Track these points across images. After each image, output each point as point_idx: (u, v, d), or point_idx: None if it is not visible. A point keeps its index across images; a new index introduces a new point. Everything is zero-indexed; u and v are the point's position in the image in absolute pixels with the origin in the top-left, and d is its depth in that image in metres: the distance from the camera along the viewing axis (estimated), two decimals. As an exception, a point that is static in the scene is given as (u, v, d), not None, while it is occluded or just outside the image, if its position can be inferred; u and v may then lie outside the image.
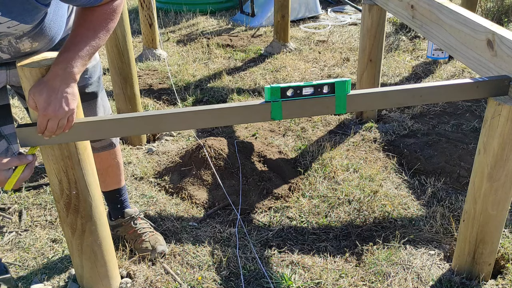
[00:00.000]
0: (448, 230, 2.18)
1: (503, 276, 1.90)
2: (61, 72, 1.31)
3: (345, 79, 1.45)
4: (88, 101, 1.72)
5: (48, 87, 1.31)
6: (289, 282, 1.90)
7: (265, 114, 1.46)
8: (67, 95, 1.33)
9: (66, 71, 1.31)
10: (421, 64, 4.14)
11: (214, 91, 3.72)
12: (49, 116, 1.31)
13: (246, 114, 1.47)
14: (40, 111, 1.31)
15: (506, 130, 1.54)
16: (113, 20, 1.41)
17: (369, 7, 2.81)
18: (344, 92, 1.46)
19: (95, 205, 1.62)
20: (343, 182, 2.54)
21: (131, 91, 2.86)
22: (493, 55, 1.59)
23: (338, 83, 1.45)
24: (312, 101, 1.46)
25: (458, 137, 2.94)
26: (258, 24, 5.42)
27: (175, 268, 2.00)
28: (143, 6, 4.16)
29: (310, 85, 1.44)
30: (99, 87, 1.76)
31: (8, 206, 2.40)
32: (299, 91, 1.44)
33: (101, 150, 1.88)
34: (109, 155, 1.92)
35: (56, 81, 1.31)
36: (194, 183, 2.54)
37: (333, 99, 1.47)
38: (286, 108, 1.45)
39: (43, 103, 1.30)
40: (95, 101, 1.74)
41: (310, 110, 1.48)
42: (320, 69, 4.12)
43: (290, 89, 1.43)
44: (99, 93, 1.76)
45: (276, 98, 1.43)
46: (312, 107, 1.47)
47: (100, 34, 1.38)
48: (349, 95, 1.48)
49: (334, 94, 1.46)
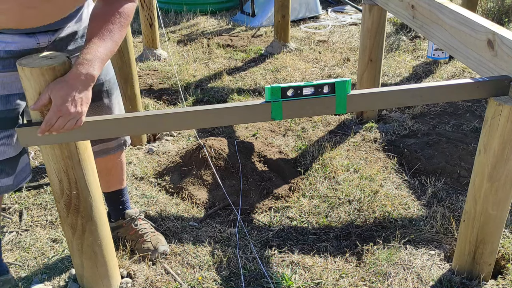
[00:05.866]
0: (448, 230, 2.18)
1: (503, 276, 1.90)
2: (83, 73, 1.34)
3: (346, 79, 1.44)
4: (104, 99, 1.74)
5: (68, 86, 1.33)
6: (289, 282, 1.90)
7: (265, 114, 1.45)
8: (83, 97, 1.36)
9: (88, 73, 1.35)
10: (422, 64, 4.14)
11: (214, 91, 3.73)
12: (62, 113, 1.33)
13: (246, 114, 1.46)
14: (54, 107, 1.33)
15: (507, 130, 1.54)
16: (129, 20, 1.47)
17: (370, 7, 2.81)
18: (345, 92, 1.46)
19: (95, 205, 1.62)
20: (343, 182, 2.54)
21: (132, 91, 2.87)
22: (493, 55, 1.59)
23: (339, 83, 1.44)
24: (313, 101, 1.45)
25: (458, 137, 2.94)
26: (259, 24, 5.42)
27: (176, 268, 2.00)
28: (143, 6, 4.16)
29: (310, 85, 1.43)
30: (114, 85, 1.79)
31: (8, 206, 2.40)
32: (300, 91, 1.43)
33: (114, 152, 1.88)
34: (116, 155, 1.92)
35: (77, 81, 1.34)
36: (194, 183, 2.54)
37: (334, 99, 1.46)
38: (286, 108, 1.44)
39: (60, 100, 1.32)
40: (111, 99, 1.76)
41: (310, 110, 1.47)
42: (320, 69, 4.12)
43: (290, 89, 1.43)
44: (114, 91, 1.78)
45: (277, 98, 1.42)
46: (313, 107, 1.46)
47: (120, 36, 1.44)
48: (349, 95, 1.47)
49: (335, 94, 1.45)
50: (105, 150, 1.84)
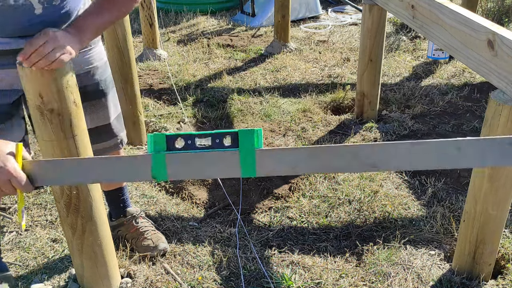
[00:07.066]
0: (448, 230, 2.18)
1: (503, 276, 1.90)
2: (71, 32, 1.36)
3: (255, 128, 1.02)
4: (100, 99, 1.74)
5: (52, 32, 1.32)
6: (289, 282, 1.90)
7: (144, 171, 1.05)
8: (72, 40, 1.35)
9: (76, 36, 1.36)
10: (422, 64, 4.14)
11: (214, 91, 3.73)
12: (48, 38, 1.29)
13: (119, 171, 1.09)
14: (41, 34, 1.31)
15: (507, 130, 1.54)
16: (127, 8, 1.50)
17: (370, 7, 2.81)
18: (252, 147, 1.03)
19: (95, 205, 1.62)
20: (343, 182, 2.54)
21: (132, 91, 2.86)
22: (493, 55, 1.59)
23: (243, 133, 1.01)
24: (209, 156, 1.04)
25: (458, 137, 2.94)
26: (259, 24, 5.42)
27: (176, 268, 2.00)
28: (143, 6, 4.16)
29: (206, 134, 1.04)
30: (110, 84, 1.79)
31: (8, 206, 2.40)
32: (191, 141, 1.03)
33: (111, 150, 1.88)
34: (114, 154, 1.93)
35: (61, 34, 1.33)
36: (194, 183, 2.55)
37: (237, 155, 1.03)
38: (172, 164, 1.04)
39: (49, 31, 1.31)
40: (106, 99, 1.77)
41: (206, 170, 1.06)
42: (320, 69, 4.12)
43: (179, 138, 1.04)
44: (110, 91, 1.79)
45: (161, 150, 1.04)
46: (210, 165, 1.05)
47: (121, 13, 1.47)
48: (259, 151, 1.02)
49: (238, 149, 1.03)
50: (102, 149, 1.85)
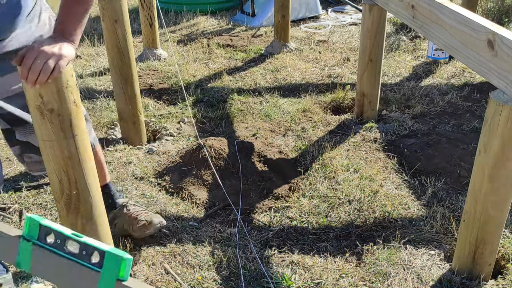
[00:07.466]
0: (448, 230, 2.18)
1: (503, 276, 1.90)
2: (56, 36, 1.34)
3: (125, 256, 0.78)
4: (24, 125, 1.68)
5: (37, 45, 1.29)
6: (289, 282, 1.90)
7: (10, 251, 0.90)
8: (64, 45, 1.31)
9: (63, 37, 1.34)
10: (422, 64, 4.14)
11: (214, 91, 3.73)
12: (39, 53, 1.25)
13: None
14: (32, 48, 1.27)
15: (507, 130, 1.54)
16: None
17: (370, 7, 2.81)
18: (113, 276, 0.83)
19: (95, 205, 1.62)
20: (343, 182, 2.54)
21: (132, 91, 2.87)
22: (493, 55, 1.59)
23: (110, 255, 0.81)
24: (71, 265, 0.86)
25: (458, 137, 2.94)
26: (259, 24, 5.42)
27: (176, 268, 2.00)
28: (143, 6, 4.16)
29: (78, 240, 0.84)
30: None
31: (8, 206, 2.40)
32: (60, 241, 0.85)
33: None
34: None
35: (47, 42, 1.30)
36: (194, 183, 2.54)
37: (98, 277, 0.84)
38: (36, 258, 0.88)
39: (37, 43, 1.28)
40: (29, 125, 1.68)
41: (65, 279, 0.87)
42: (320, 69, 4.13)
43: (52, 233, 0.86)
44: None
45: (33, 236, 0.88)
46: (68, 276, 0.86)
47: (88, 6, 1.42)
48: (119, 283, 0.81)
49: (100, 271, 0.83)
50: None
